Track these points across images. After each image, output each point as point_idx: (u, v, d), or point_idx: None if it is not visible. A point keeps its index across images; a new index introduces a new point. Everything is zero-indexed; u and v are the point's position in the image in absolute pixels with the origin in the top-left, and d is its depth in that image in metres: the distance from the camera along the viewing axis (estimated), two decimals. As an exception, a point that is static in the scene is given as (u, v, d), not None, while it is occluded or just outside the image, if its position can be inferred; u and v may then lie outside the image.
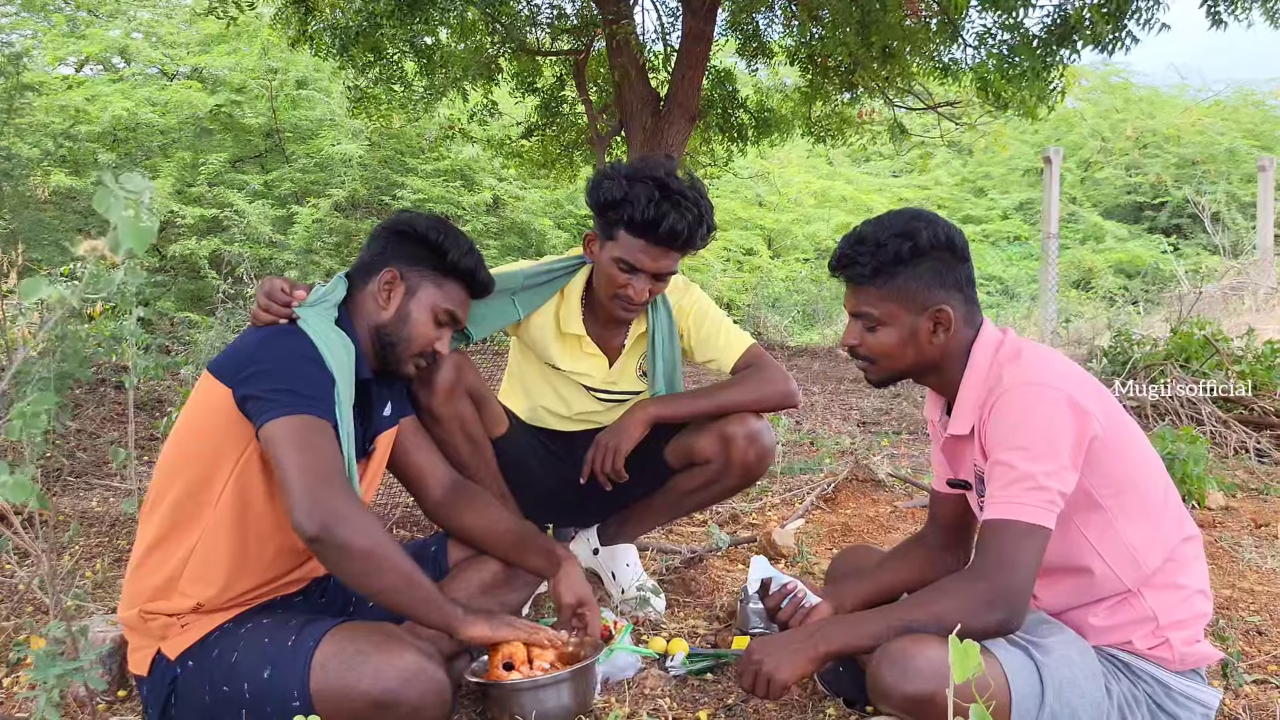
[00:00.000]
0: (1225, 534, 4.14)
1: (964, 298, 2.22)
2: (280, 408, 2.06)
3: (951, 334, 2.20)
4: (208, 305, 9.78)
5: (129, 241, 1.50)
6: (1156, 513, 2.14)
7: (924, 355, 2.23)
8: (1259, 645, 2.98)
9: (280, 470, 2.02)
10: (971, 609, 1.98)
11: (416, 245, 2.38)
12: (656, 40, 10.10)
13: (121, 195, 1.48)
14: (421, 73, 9.18)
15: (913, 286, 2.18)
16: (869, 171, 23.73)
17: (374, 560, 2.02)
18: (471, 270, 2.42)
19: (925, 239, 2.17)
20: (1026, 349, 2.18)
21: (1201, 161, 21.09)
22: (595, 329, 3.06)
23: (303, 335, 2.19)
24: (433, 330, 2.39)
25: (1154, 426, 5.74)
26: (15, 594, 3.14)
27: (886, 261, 2.18)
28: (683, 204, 2.73)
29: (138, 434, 5.13)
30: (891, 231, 2.19)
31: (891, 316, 2.21)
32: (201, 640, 2.15)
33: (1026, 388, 2.06)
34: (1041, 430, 2.02)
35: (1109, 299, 15.34)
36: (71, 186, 10.82)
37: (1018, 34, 7.40)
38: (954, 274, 2.21)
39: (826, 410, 7.08)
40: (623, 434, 2.93)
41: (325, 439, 2.07)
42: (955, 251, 2.21)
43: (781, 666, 2.06)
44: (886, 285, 2.20)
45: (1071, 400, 2.03)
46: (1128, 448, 2.13)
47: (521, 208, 13.40)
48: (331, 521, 1.98)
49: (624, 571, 3.24)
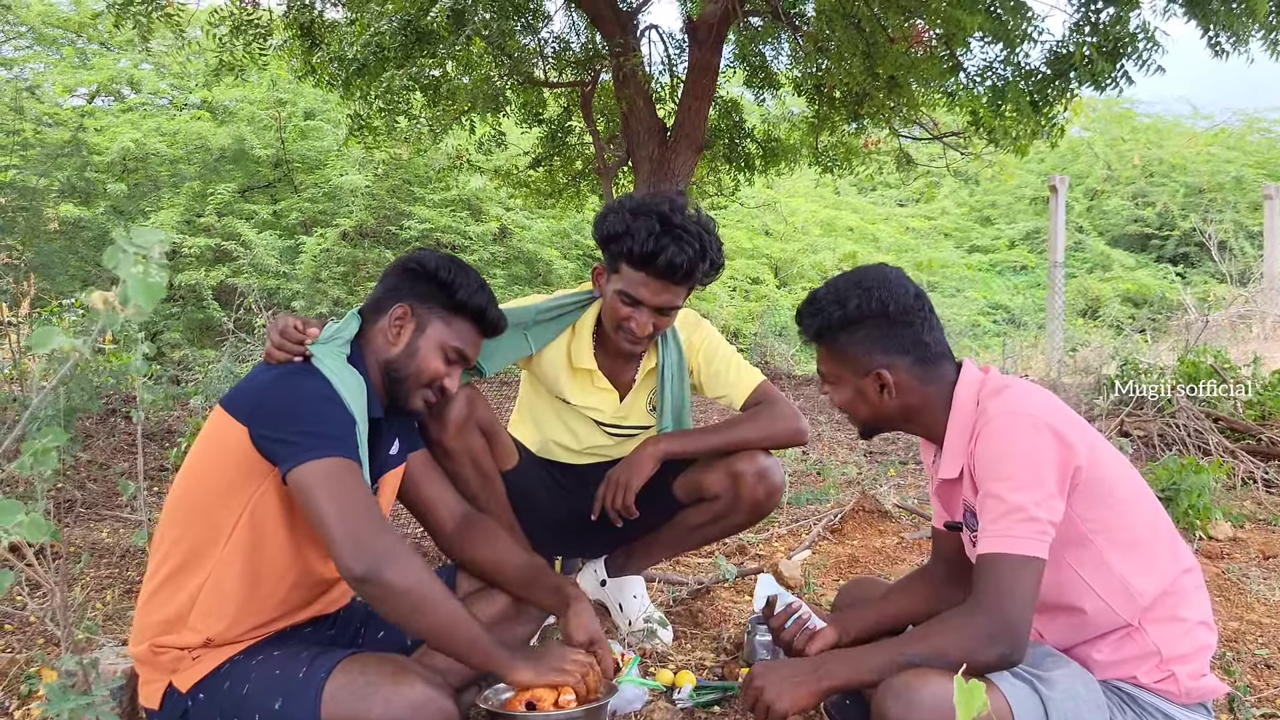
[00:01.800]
0: (1233, 565, 4.13)
1: (913, 359, 2.26)
2: (308, 451, 2.07)
3: (899, 395, 2.26)
4: (215, 334, 9.82)
5: (138, 298, 1.52)
6: (1147, 543, 2.14)
7: (880, 411, 2.30)
8: (1267, 679, 2.98)
9: (317, 515, 2.04)
10: (972, 644, 1.98)
11: (427, 283, 2.39)
12: (663, 71, 10.15)
13: (131, 251, 1.50)
14: (428, 104, 9.24)
15: (851, 350, 2.27)
16: (875, 201, 23.79)
17: (420, 599, 2.04)
18: (481, 309, 2.42)
19: (853, 307, 2.23)
20: (1008, 383, 2.21)
21: (1208, 190, 21.12)
22: (606, 363, 3.08)
23: (318, 374, 2.21)
24: (441, 366, 2.39)
25: (1160, 456, 5.74)
26: (27, 626, 3.16)
27: (822, 326, 2.28)
28: (684, 238, 2.75)
29: (148, 464, 5.16)
30: (831, 297, 2.27)
31: (838, 376, 2.31)
32: (213, 672, 2.16)
33: (1008, 416, 2.09)
34: (1026, 459, 2.04)
35: (1116, 327, 15.33)
36: (80, 216, 10.89)
37: (1017, 70, 7.45)
38: (895, 339, 2.25)
39: (833, 440, 7.09)
40: (633, 470, 2.95)
41: (357, 480, 2.10)
42: (890, 318, 2.24)
43: (783, 696, 2.07)
44: (829, 346, 2.30)
45: (1053, 429, 2.05)
46: (1113, 480, 2.14)
47: (528, 237, 13.45)
48: (379, 563, 2.00)
49: (631, 603, 3.25)
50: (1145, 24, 6.78)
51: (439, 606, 2.07)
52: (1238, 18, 6.45)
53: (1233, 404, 6.47)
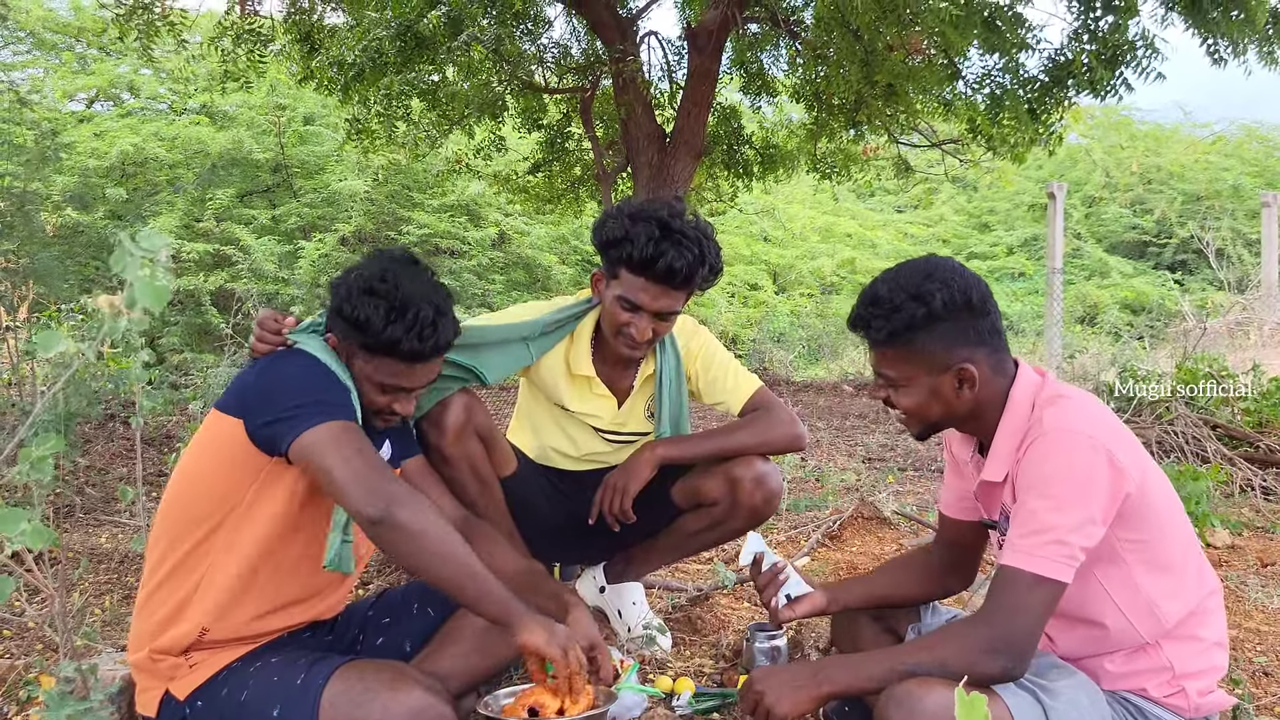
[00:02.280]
0: (1231, 573, 4.13)
1: (990, 349, 2.15)
2: (306, 420, 2.06)
3: (979, 388, 2.14)
4: (214, 339, 9.82)
5: (144, 300, 1.52)
6: (1179, 566, 2.12)
7: (953, 410, 2.18)
8: (1266, 686, 2.98)
9: (325, 473, 2.02)
10: (974, 655, 1.97)
11: (337, 319, 2.26)
12: (662, 78, 10.19)
13: (138, 254, 1.51)
14: (427, 110, 9.26)
15: (931, 349, 2.12)
16: (874, 207, 23.83)
17: (435, 542, 2.02)
18: (392, 344, 2.21)
19: (940, 302, 2.09)
20: (1066, 393, 2.14)
21: (1206, 197, 21.17)
22: (604, 370, 3.08)
23: (303, 353, 2.22)
24: (378, 398, 2.28)
25: (1159, 463, 5.74)
26: (26, 631, 3.15)
27: (901, 327, 2.11)
28: (683, 243, 2.75)
29: (147, 470, 5.15)
30: (906, 294, 2.11)
31: (911, 379, 2.16)
32: (210, 679, 2.16)
33: (1066, 434, 2.02)
34: (1075, 483, 1.99)
35: (1114, 334, 15.35)
36: (79, 221, 10.89)
37: (1015, 78, 7.47)
38: (975, 330, 2.13)
39: (832, 446, 7.09)
40: (631, 475, 2.95)
41: (361, 438, 2.09)
42: (974, 309, 2.12)
43: (782, 700, 2.06)
44: (903, 348, 2.14)
45: (1111, 456, 1.99)
46: (1156, 502, 2.09)
47: (527, 243, 13.47)
48: (392, 504, 1.99)
49: (630, 610, 3.25)
50: (1144, 31, 6.81)
51: (454, 551, 2.04)
52: (1237, 26, 6.48)
53: (1231, 411, 6.48)
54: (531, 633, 2.07)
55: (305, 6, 8.74)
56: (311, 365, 2.19)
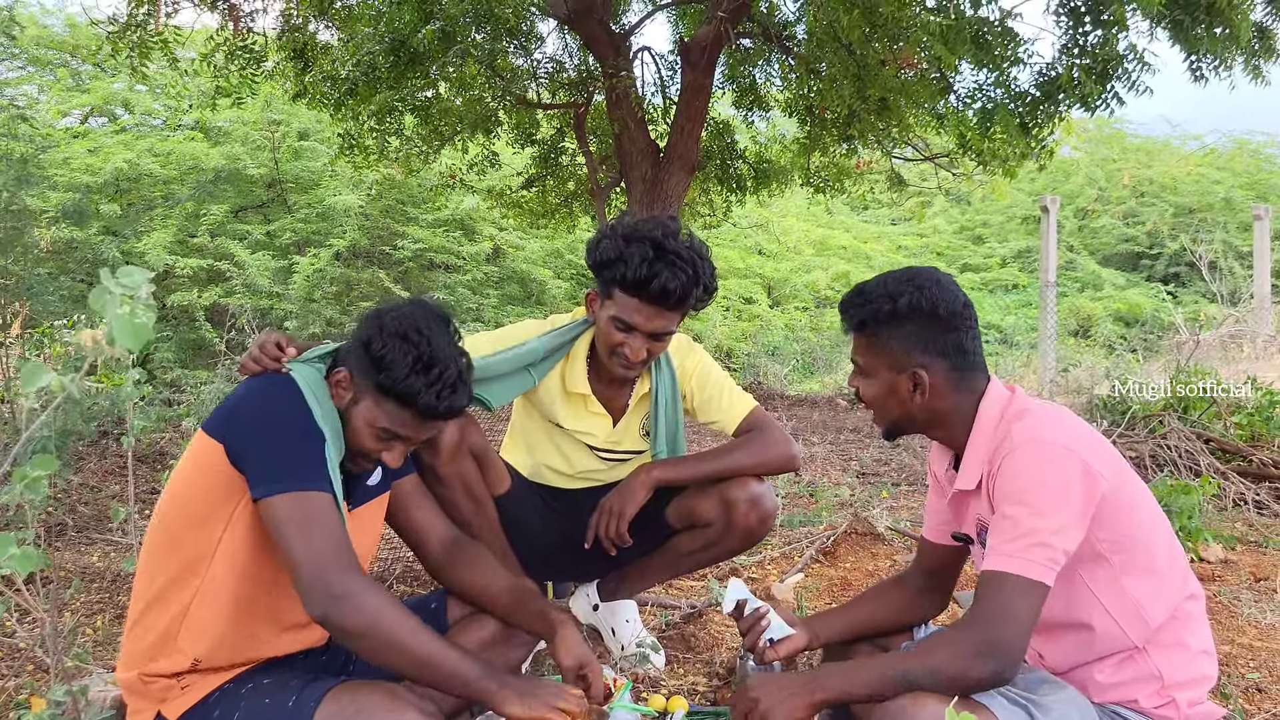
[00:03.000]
0: (1224, 588, 4.13)
1: (951, 364, 2.24)
2: (275, 482, 2.07)
3: (930, 397, 2.24)
4: (207, 355, 9.81)
5: (124, 339, 1.52)
6: (1162, 569, 2.15)
7: (908, 411, 2.28)
8: (1259, 703, 2.98)
9: (284, 549, 2.04)
10: (964, 659, 1.98)
11: (362, 354, 2.25)
12: (656, 93, 10.21)
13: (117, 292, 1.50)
14: (420, 124, 9.27)
15: (892, 345, 2.25)
16: (868, 220, 23.89)
17: (381, 639, 2.02)
18: (409, 395, 2.21)
19: (905, 303, 2.22)
20: (1035, 406, 2.20)
21: (1198, 210, 21.24)
22: (600, 389, 3.08)
23: (290, 384, 2.21)
24: (371, 443, 2.25)
25: (1152, 477, 5.75)
26: (16, 653, 3.14)
27: (868, 317, 2.26)
28: (677, 264, 2.75)
29: (140, 488, 5.14)
30: (881, 290, 2.26)
31: (873, 369, 2.30)
32: (201, 702, 2.15)
33: (1037, 444, 2.08)
34: (1050, 488, 2.03)
35: (1108, 347, 15.38)
36: (73, 238, 10.87)
37: (1007, 92, 7.50)
38: (938, 341, 2.23)
39: (826, 461, 7.09)
40: (627, 499, 2.94)
41: (323, 514, 2.08)
42: (940, 319, 2.22)
43: (776, 708, 2.07)
44: (870, 339, 2.28)
45: (1082, 462, 2.04)
46: (1134, 505, 2.14)
47: (521, 257, 13.47)
48: (334, 605, 2.00)
49: (624, 628, 3.25)
50: (1133, 45, 6.85)
51: (406, 643, 2.04)
52: (1221, 43, 6.51)
53: (1224, 425, 6.48)
54: (508, 703, 2.06)
55: (299, 23, 8.76)
56: (293, 406, 2.18)
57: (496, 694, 2.06)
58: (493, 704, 2.07)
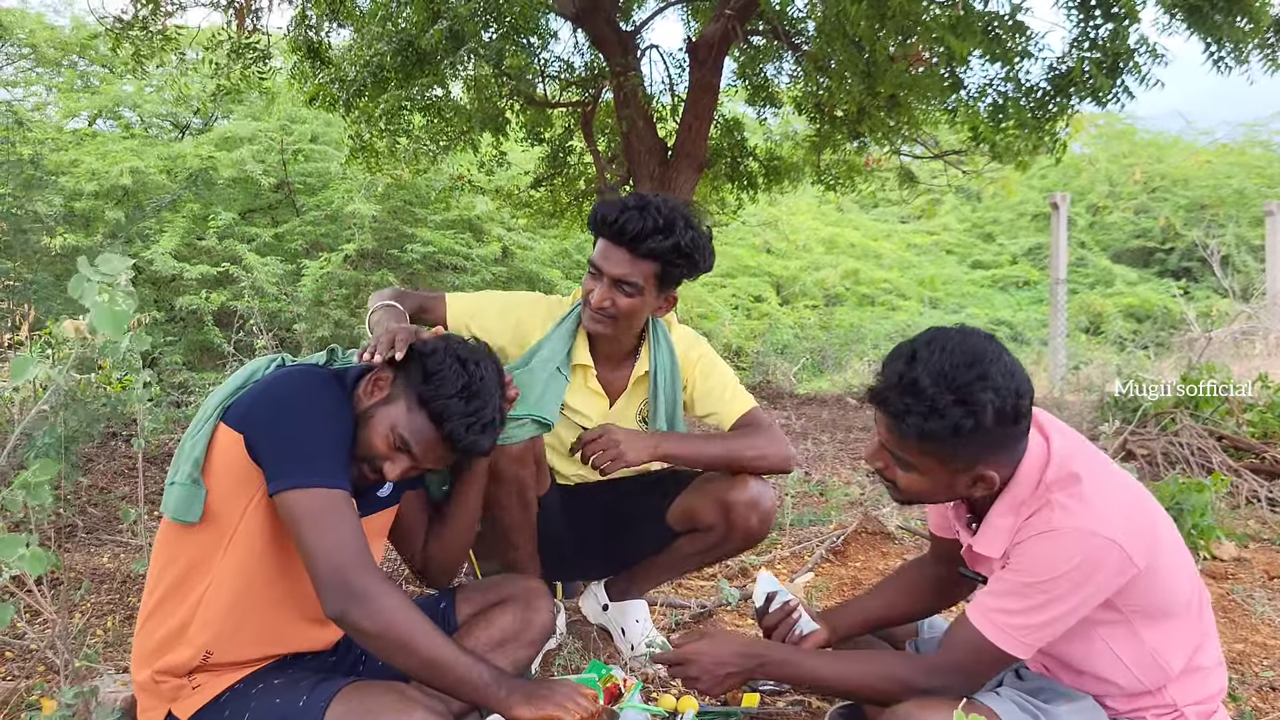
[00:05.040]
0: (1237, 586, 4.11)
1: (1011, 454, 2.04)
2: (291, 478, 2.07)
3: (991, 486, 2.05)
4: (216, 356, 9.81)
5: (103, 326, 1.51)
6: (1180, 611, 2.10)
7: (956, 496, 2.11)
8: (1273, 701, 2.96)
9: (301, 544, 2.05)
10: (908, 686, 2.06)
11: (415, 362, 2.30)
12: (664, 91, 10.19)
13: (96, 280, 1.50)
14: (429, 125, 9.27)
15: (961, 453, 1.98)
16: (878, 217, 23.82)
17: (395, 640, 2.03)
18: (445, 416, 2.24)
19: (990, 415, 1.91)
20: (1078, 473, 2.01)
21: (1210, 204, 21.15)
22: (598, 365, 3.08)
23: (313, 379, 2.23)
24: (382, 446, 2.25)
25: (1164, 475, 5.72)
26: (27, 654, 3.15)
27: (942, 432, 1.93)
28: (647, 211, 2.76)
29: (149, 489, 5.15)
30: (954, 396, 1.91)
31: (926, 470, 2.04)
32: (213, 701, 2.16)
33: (1075, 535, 1.94)
34: (1071, 582, 1.95)
35: (1119, 343, 15.33)
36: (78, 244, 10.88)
37: (1017, 87, 7.47)
38: (1012, 438, 2.01)
39: (836, 460, 7.07)
40: (631, 447, 2.85)
41: (340, 513, 2.08)
42: (1019, 422, 1.98)
43: (705, 676, 2.24)
44: (933, 446, 1.98)
45: (1118, 551, 1.93)
46: (1163, 571, 2.04)
47: (530, 258, 13.46)
48: (349, 604, 2.02)
49: (634, 628, 3.24)
50: (1144, 38, 6.81)
51: (418, 646, 2.05)
52: (1240, 31, 6.47)
53: (1236, 422, 6.45)
54: (517, 709, 2.08)
55: (313, 22, 8.76)
56: (315, 402, 2.19)
57: (505, 700, 2.08)
58: (501, 710, 2.09)
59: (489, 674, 2.10)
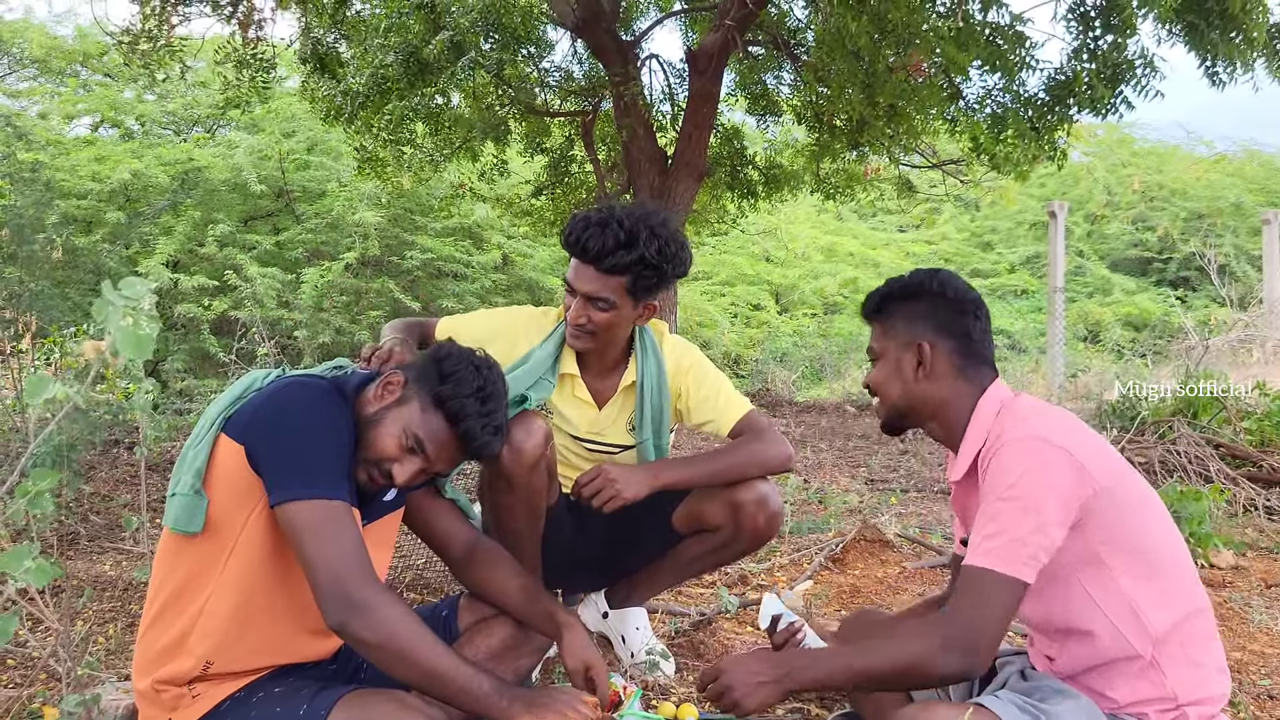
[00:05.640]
0: (1235, 594, 4.12)
1: (955, 346, 2.29)
2: (292, 490, 2.07)
3: (932, 378, 2.28)
4: (218, 364, 9.83)
5: (127, 350, 1.52)
6: (1166, 575, 2.12)
7: (909, 392, 2.30)
8: (1271, 710, 2.97)
9: (302, 555, 2.06)
10: (931, 653, 2.01)
11: (430, 365, 2.33)
12: (664, 100, 10.23)
13: (120, 303, 1.51)
14: (431, 134, 9.30)
15: (901, 323, 2.32)
16: (876, 226, 23.86)
17: (396, 651, 2.04)
18: (460, 416, 2.27)
19: (917, 280, 2.34)
20: (1032, 405, 2.21)
21: (1208, 215, 21.20)
22: (586, 376, 3.09)
23: (315, 390, 2.23)
24: (393, 449, 2.25)
25: (1162, 483, 5.74)
26: (30, 661, 3.15)
27: (885, 297, 2.37)
28: (609, 226, 2.77)
29: (151, 496, 5.16)
30: (899, 278, 2.38)
31: (883, 350, 2.35)
32: (213, 710, 2.16)
33: (1025, 441, 2.08)
34: (1034, 484, 2.03)
35: (1117, 352, 15.35)
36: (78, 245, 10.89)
37: (1016, 97, 7.50)
38: (948, 321, 2.30)
39: (835, 467, 7.09)
40: (629, 483, 2.85)
41: (341, 524, 2.09)
42: (949, 300, 2.31)
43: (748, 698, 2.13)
44: (884, 320, 2.36)
45: (1072, 459, 2.04)
46: (1135, 507, 2.12)
47: (530, 266, 13.49)
48: (350, 615, 2.02)
49: (633, 635, 3.25)
50: (1144, 50, 6.84)
51: (419, 657, 2.05)
52: (1236, 47, 6.50)
53: (1233, 430, 6.47)
54: (519, 718, 2.08)
55: (319, 35, 8.80)
56: (317, 413, 2.19)
57: (506, 710, 2.08)
58: (501, 717, 2.09)
59: (490, 684, 2.10)
